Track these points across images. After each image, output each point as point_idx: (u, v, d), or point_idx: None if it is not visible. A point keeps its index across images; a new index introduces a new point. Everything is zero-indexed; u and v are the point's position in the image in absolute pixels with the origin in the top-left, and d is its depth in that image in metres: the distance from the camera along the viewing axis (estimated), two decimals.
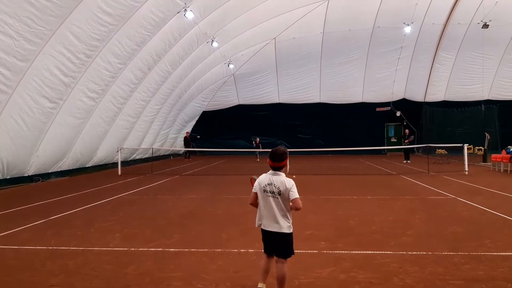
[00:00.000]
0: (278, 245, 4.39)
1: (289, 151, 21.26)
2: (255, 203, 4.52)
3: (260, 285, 4.49)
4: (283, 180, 4.35)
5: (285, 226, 4.33)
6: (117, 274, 5.25)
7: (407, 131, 27.13)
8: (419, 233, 7.20)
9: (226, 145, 31.58)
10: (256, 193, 4.47)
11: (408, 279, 4.95)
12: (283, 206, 4.33)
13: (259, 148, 28.22)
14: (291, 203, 4.35)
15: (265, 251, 4.52)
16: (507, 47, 29.75)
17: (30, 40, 12.22)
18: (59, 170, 17.47)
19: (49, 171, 16.88)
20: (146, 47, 17.91)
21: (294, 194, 4.29)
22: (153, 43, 18.13)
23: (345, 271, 5.28)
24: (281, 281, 4.36)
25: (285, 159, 4.45)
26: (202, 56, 23.92)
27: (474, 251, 6.04)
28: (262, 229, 4.46)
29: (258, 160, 27.96)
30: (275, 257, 4.44)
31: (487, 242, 6.56)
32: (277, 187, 4.32)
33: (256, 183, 4.50)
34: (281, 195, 4.31)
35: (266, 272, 4.48)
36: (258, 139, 30.11)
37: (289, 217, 4.39)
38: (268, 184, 4.36)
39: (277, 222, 4.32)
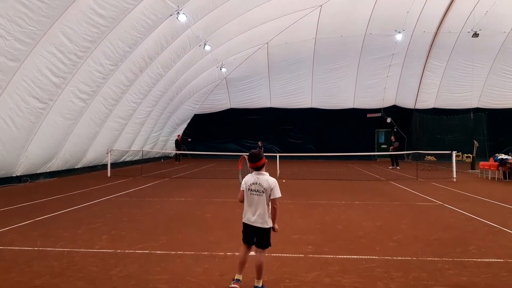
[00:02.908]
0: (259, 238, 4.82)
1: (280, 156, 21.28)
2: (242, 200, 4.94)
3: (237, 276, 4.78)
4: (267, 179, 4.82)
5: (266, 221, 4.78)
6: (102, 276, 5.24)
7: (393, 138, 27.56)
8: (405, 239, 7.26)
9: (217, 149, 31.63)
10: (243, 191, 4.91)
11: (392, 284, 5.00)
12: (265, 203, 4.77)
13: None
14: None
15: (244, 242, 4.90)
16: (496, 56, 30.14)
17: (21, 40, 12.15)
18: (48, 171, 17.35)
19: (38, 172, 16.76)
20: (138, 49, 17.89)
21: (275, 193, 4.77)
22: (145, 45, 18.12)
23: (330, 275, 5.32)
24: (259, 268, 4.72)
25: (262, 157, 4.91)
26: (194, 59, 23.94)
27: (459, 257, 6.12)
28: (244, 223, 4.89)
29: None
30: (254, 247, 4.85)
31: (471, 248, 6.64)
32: (261, 185, 4.78)
33: (242, 183, 4.95)
34: (265, 192, 4.76)
35: (243, 264, 4.81)
36: (260, 142, 30.38)
37: (269, 214, 4.82)
38: (253, 184, 4.83)
39: (260, 217, 4.76)
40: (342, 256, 6.16)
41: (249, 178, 4.90)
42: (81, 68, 15.34)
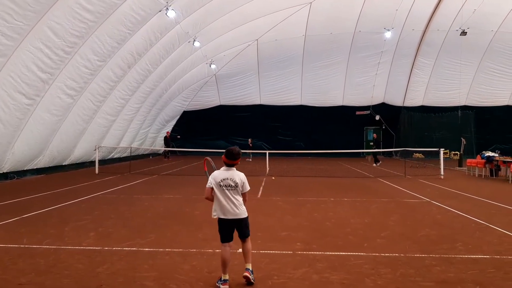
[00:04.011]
0: (242, 228, 5.01)
1: (270, 153, 21.22)
2: (210, 197, 5.03)
3: (224, 276, 4.84)
4: (238, 174, 5.04)
5: (243, 211, 5.00)
6: (89, 274, 5.20)
7: (375, 135, 27.91)
8: (393, 235, 7.31)
9: (207, 146, 31.45)
10: (211, 188, 4.99)
11: (379, 281, 5.02)
12: (239, 196, 5.00)
13: (251, 149, 28.55)
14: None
15: (225, 241, 4.98)
16: (484, 54, 30.39)
17: (7, 35, 11.98)
18: (35, 167, 17.15)
19: (25, 169, 16.56)
20: (126, 45, 17.71)
21: (246, 187, 5.05)
22: (134, 41, 17.96)
23: (319, 272, 5.33)
24: (249, 253, 4.99)
25: (238, 158, 5.07)
26: (183, 56, 23.79)
27: (446, 254, 6.16)
28: (221, 219, 4.98)
29: (250, 160, 28.14)
30: (240, 239, 5.03)
31: (458, 245, 6.70)
32: (233, 180, 4.96)
33: (211, 179, 5.02)
34: (238, 186, 4.96)
35: (228, 263, 4.90)
36: (250, 139, 30.39)
37: (243, 204, 5.05)
38: (225, 179, 4.96)
39: (236, 209, 4.94)
40: (330, 253, 6.18)
41: (219, 174, 5.01)
42: (68, 63, 15.16)
